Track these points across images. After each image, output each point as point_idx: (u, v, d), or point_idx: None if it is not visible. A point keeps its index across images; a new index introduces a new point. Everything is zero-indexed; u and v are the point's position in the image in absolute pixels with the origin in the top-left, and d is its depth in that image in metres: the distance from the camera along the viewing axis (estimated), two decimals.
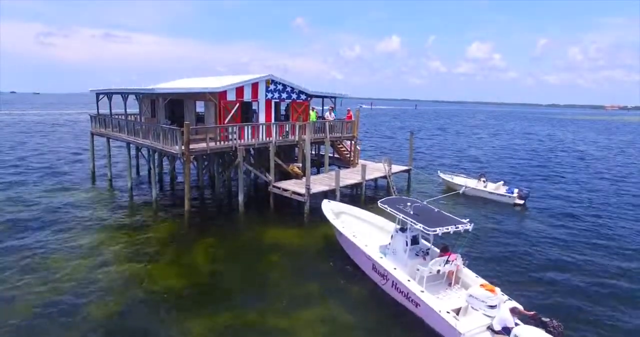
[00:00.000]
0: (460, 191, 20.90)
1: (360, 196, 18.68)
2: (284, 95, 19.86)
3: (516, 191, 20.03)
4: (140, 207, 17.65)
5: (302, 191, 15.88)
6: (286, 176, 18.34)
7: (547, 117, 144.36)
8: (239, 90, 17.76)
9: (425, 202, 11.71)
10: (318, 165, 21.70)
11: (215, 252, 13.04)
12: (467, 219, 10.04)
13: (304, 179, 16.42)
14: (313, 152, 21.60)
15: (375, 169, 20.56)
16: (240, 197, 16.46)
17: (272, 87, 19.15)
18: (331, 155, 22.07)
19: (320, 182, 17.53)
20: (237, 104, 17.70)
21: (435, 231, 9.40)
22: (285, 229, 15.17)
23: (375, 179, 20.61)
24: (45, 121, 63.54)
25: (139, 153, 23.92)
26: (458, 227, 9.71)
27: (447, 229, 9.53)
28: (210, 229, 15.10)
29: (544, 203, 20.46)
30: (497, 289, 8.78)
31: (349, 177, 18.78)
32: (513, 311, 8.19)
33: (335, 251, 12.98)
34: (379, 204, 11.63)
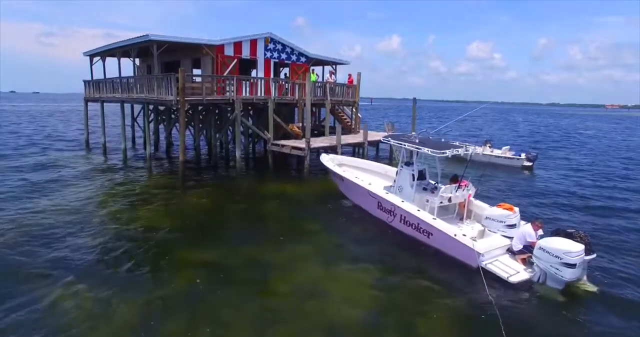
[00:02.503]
0: (468, 158, 20.15)
1: (362, 157, 17.97)
2: (284, 56, 19.17)
3: (523, 154, 19.35)
4: (135, 167, 17.02)
5: (302, 145, 15.19)
6: (285, 138, 17.64)
7: (549, 113, 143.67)
8: (237, 45, 17.08)
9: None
10: (318, 133, 20.98)
11: (210, 200, 12.36)
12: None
13: (303, 140, 15.74)
14: (313, 119, 20.88)
15: (378, 135, 19.86)
16: (238, 153, 15.75)
17: (271, 46, 18.47)
18: (331, 125, 21.37)
19: (320, 141, 16.84)
20: (235, 60, 17.01)
21: (445, 152, 8.72)
22: (284, 182, 14.53)
23: (377, 143, 19.86)
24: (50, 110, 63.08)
25: (134, 122, 23.28)
26: (468, 150, 9.03)
27: (457, 151, 8.85)
28: (206, 182, 14.50)
29: (551, 165, 19.78)
30: (516, 208, 8.07)
31: (350, 139, 18.08)
32: (535, 225, 7.48)
33: (336, 198, 12.27)
34: (382, 139, 10.92)
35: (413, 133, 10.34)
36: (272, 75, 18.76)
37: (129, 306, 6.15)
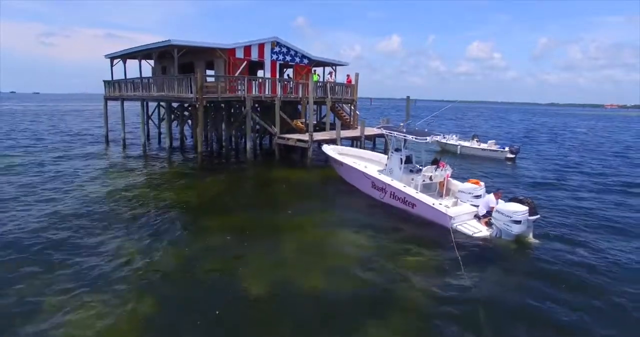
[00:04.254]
0: (457, 151, 22.13)
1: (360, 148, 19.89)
2: (288, 58, 21.07)
3: (507, 147, 21.28)
4: (155, 157, 18.94)
5: (306, 138, 17.08)
6: (290, 132, 19.50)
7: (545, 113, 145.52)
8: (247, 49, 18.98)
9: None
10: (319, 129, 22.83)
11: (226, 182, 14.27)
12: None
13: (307, 134, 17.63)
14: (314, 115, 22.76)
15: (374, 130, 21.72)
16: (249, 144, 17.68)
17: (277, 49, 20.37)
18: (331, 122, 23.23)
19: (322, 135, 18.73)
20: (245, 62, 18.92)
21: (426, 139, 10.63)
22: (290, 170, 16.47)
23: (374, 138, 21.74)
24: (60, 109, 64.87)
25: (149, 120, 25.14)
26: (445, 137, 10.91)
27: (436, 137, 10.75)
28: (221, 169, 16.46)
29: (533, 158, 21.72)
30: (482, 183, 9.99)
31: (349, 133, 19.98)
32: (496, 195, 9.41)
33: (335, 183, 14.17)
34: (376, 128, 12.83)
35: (401, 124, 12.17)
36: (277, 76, 20.66)
37: (178, 252, 8.05)
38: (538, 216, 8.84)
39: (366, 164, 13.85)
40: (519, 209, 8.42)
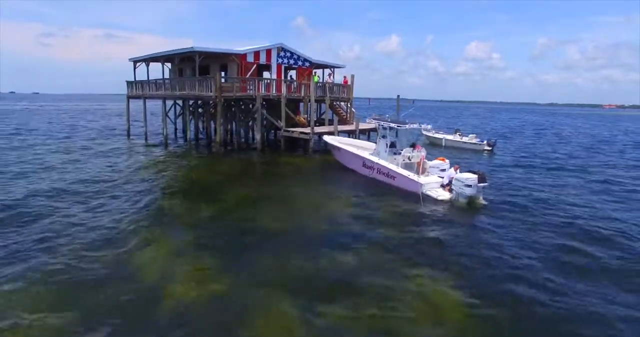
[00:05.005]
0: (442, 143, 24.93)
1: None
2: (292, 61, 23.86)
3: (485, 141, 24.08)
4: (176, 147, 21.78)
5: (308, 131, 19.86)
6: (293, 126, 22.27)
7: (542, 112, 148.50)
8: (256, 54, 21.76)
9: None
10: (319, 124, 25.58)
11: (240, 165, 17.10)
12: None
13: (308, 127, 20.42)
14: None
15: (367, 125, 24.47)
16: (258, 136, 20.46)
17: (282, 53, 23.15)
18: (330, 118, 25.98)
19: (321, 129, 21.50)
20: (255, 65, 21.70)
21: (405, 126, 13.42)
22: (294, 157, 19.28)
23: (367, 131, 24.50)
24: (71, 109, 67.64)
25: (166, 118, 27.89)
26: (421, 125, 13.72)
27: (414, 125, 13.55)
28: (235, 156, 19.33)
29: (508, 149, 24.53)
30: (447, 160, 12.77)
31: (345, 127, 22.74)
32: (455, 167, 12.21)
33: (333, 167, 16.95)
34: (367, 119, 15.62)
35: (387, 115, 14.95)
36: (282, 77, 23.43)
37: (209, 207, 10.82)
38: (486, 184, 11.61)
39: (359, 149, 16.64)
40: (470, 177, 11.20)
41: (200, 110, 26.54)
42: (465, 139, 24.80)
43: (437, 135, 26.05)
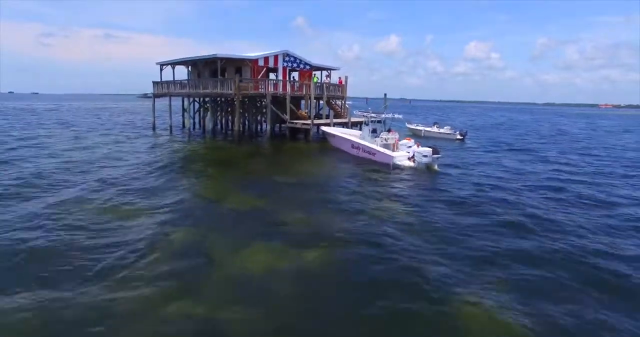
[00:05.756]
0: (422, 134, 29.43)
1: None
2: (295, 65, 28.30)
3: (458, 131, 28.59)
4: (196, 136, 26.19)
5: (309, 123, 24.32)
6: (296, 119, 26.70)
7: (534, 111, 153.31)
8: (266, 59, 26.21)
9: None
10: (318, 117, 30.02)
11: (255, 149, 21.54)
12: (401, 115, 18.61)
13: (309, 120, 24.87)
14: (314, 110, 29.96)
15: (358, 119, 28.93)
16: (267, 127, 24.93)
17: (287, 58, 27.59)
18: (327, 113, 30.40)
19: (319, 121, 25.95)
20: (264, 68, 26.15)
21: (382, 115, 17.91)
22: (297, 143, 23.75)
23: (358, 124, 28.96)
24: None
25: (185, 112, 32.31)
26: (394, 116, 18.20)
27: (390, 115, 18.04)
28: (250, 143, 23.74)
29: (477, 140, 29.06)
30: (412, 139, 17.28)
31: (339, 120, 27.18)
32: (417, 144, 16.74)
33: (328, 151, 21.40)
34: (355, 112, 20.11)
35: (370, 109, 19.46)
36: (287, 78, 27.85)
37: (239, 170, 15.26)
38: (440, 155, 16.08)
39: (349, 135, 21.14)
40: (427, 150, 15.71)
41: (214, 105, 30.96)
42: (441, 130, 29.30)
43: (417, 128, 30.56)
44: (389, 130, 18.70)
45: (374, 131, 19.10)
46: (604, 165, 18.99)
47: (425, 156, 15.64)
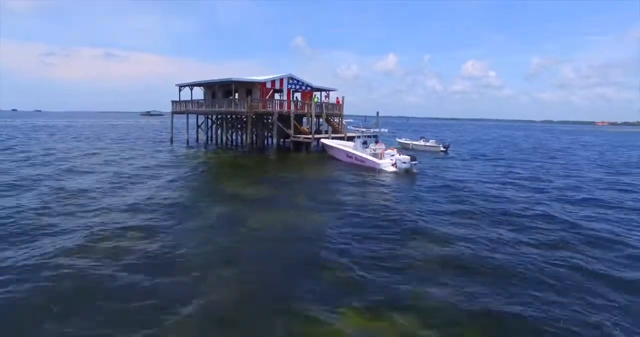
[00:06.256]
0: (410, 147, 33.27)
1: None
2: (297, 87, 32.43)
3: (441, 144, 32.47)
4: (210, 150, 30.04)
5: (310, 137, 28.17)
6: (299, 134, 30.56)
7: (529, 128, 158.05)
8: (272, 82, 30.33)
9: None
10: (318, 133, 33.92)
11: (265, 159, 25.26)
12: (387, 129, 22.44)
13: (310, 135, 28.74)
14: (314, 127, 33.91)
15: (353, 133, 32.84)
16: (275, 140, 28.77)
17: (291, 81, 31.74)
18: (326, 129, 34.31)
19: (319, 136, 29.81)
20: (272, 90, 30.23)
21: (370, 130, 21.77)
22: (299, 154, 27.52)
23: (352, 138, 32.82)
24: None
25: (199, 128, 36.28)
26: (380, 130, 22.05)
27: (376, 130, 21.89)
28: (259, 153, 27.49)
29: (459, 152, 32.89)
30: (395, 149, 21.05)
31: (337, 135, 31.04)
32: (399, 152, 20.52)
33: (326, 160, 25.15)
34: (349, 127, 23.99)
35: (361, 125, 23.35)
36: (291, 98, 31.90)
37: (253, 173, 18.96)
38: (416, 162, 19.78)
39: (344, 147, 24.98)
40: (406, 157, 19.44)
41: (224, 122, 34.94)
42: (427, 143, 33.15)
43: (406, 142, 34.42)
44: (376, 142, 22.51)
45: (364, 143, 22.90)
46: (545, 173, 22.63)
47: (404, 163, 19.37)
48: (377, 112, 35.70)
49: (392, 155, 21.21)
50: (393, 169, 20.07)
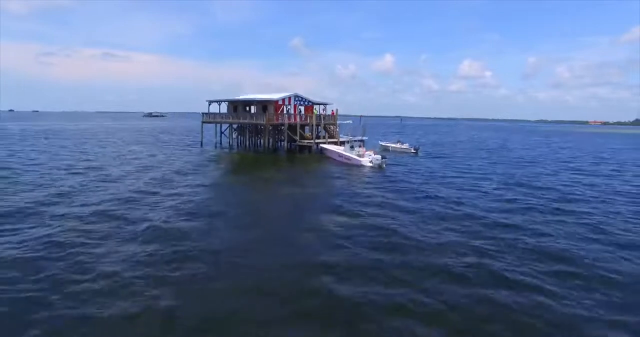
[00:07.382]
0: (389, 149, 42.52)
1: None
2: (301, 102, 41.68)
3: (412, 147, 41.77)
4: (234, 152, 39.27)
5: (312, 142, 37.41)
6: (303, 139, 39.75)
7: (513, 129, 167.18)
8: (283, 99, 39.57)
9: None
10: (318, 138, 43.10)
11: (278, 158, 34.47)
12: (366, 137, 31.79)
13: (312, 140, 37.94)
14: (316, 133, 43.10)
15: (346, 138, 42.04)
16: (285, 144, 38.05)
17: (296, 98, 40.99)
18: (324, 135, 43.48)
19: (319, 140, 39.03)
20: (282, 105, 39.46)
21: (356, 137, 31.11)
22: (303, 155, 36.77)
23: (344, 142, 42.09)
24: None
25: (222, 134, 45.41)
26: (362, 138, 31.37)
27: (359, 138, 31.20)
28: (274, 154, 36.72)
29: (427, 151, 42.25)
30: (372, 150, 30.39)
31: (332, 140, 40.28)
32: (374, 152, 29.87)
33: (324, 159, 34.34)
34: (341, 135, 33.32)
35: (349, 133, 32.53)
36: (296, 112, 41.10)
37: (272, 166, 28.18)
38: (387, 159, 29.02)
39: (337, 149, 34.26)
40: (378, 156, 28.74)
41: (244, 131, 44.11)
42: (402, 146, 42.44)
43: (387, 144, 43.71)
44: (359, 146, 31.77)
45: (352, 147, 32.13)
46: (493, 170, 31.75)
47: (377, 160, 28.59)
48: (361, 116, 45.09)
49: (369, 156, 30.38)
50: (370, 164, 29.23)
